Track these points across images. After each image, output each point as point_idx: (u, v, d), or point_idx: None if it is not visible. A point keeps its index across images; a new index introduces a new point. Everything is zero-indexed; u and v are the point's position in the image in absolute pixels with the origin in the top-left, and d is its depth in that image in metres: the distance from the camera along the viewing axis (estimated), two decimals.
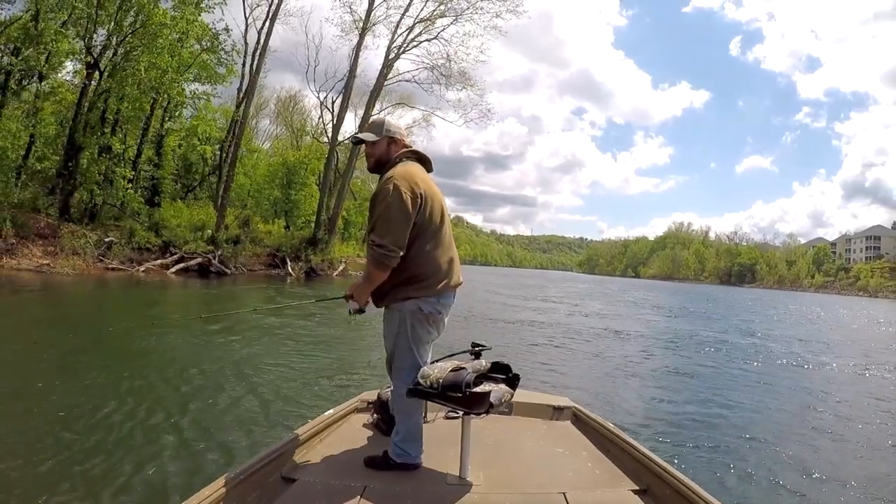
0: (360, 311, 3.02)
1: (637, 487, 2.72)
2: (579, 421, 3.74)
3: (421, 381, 2.65)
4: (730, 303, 44.13)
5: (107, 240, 21.99)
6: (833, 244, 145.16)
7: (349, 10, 34.78)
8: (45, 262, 19.23)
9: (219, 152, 34.56)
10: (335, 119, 36.65)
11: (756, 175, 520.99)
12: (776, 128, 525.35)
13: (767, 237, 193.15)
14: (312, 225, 37.12)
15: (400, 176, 2.80)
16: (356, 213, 51.67)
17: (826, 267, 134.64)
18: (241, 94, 32.84)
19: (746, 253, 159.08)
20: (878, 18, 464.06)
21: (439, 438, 3.15)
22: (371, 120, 3.18)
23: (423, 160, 3.04)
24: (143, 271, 22.01)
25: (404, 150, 3.00)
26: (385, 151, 2.99)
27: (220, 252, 26.06)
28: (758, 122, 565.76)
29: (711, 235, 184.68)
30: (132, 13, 23.22)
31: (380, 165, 2.99)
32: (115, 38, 22.97)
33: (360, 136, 3.01)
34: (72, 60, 24.25)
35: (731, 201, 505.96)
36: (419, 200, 2.79)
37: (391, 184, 2.76)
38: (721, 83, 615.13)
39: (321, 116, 43.50)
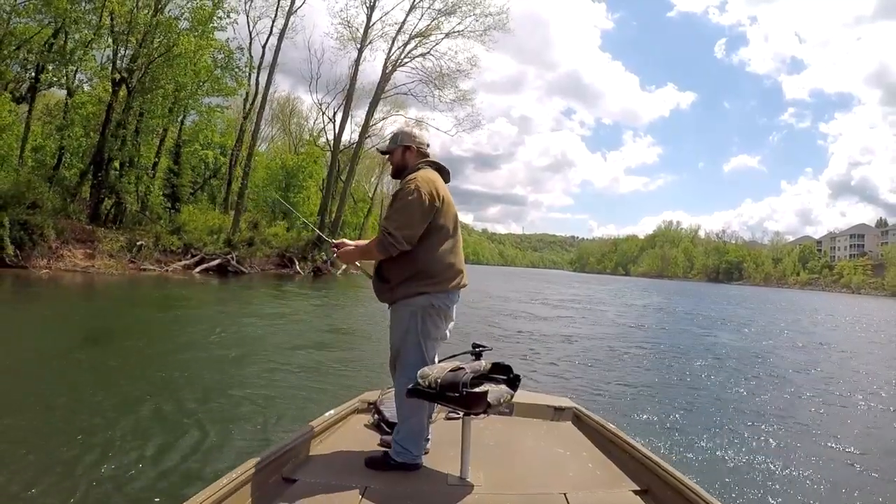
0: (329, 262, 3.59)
1: (637, 488, 2.74)
2: (580, 421, 3.76)
3: (420, 381, 2.67)
4: (729, 302, 43.21)
5: (138, 243, 24.16)
6: (819, 242, 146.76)
7: (346, 25, 37.17)
8: (88, 264, 21.44)
9: (221, 157, 36.78)
10: (336, 129, 38.98)
11: (744, 174, 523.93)
12: (762, 128, 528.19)
13: (756, 235, 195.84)
14: (310, 225, 39.26)
15: (422, 179, 2.97)
16: (351, 214, 53.30)
17: (811, 264, 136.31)
18: (249, 105, 34.94)
19: (734, 251, 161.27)
20: (860, 22, 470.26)
21: (440, 439, 3.18)
22: (393, 132, 3.43)
23: (442, 170, 3.17)
24: (170, 271, 24.30)
25: (423, 159, 3.16)
26: (401, 159, 3.17)
27: (236, 253, 28.45)
28: (744, 123, 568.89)
29: (701, 233, 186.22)
30: (158, 34, 25.24)
31: (399, 172, 3.18)
32: (141, 60, 25.00)
33: (379, 147, 3.56)
34: (98, 77, 26.28)
35: (720, 200, 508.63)
36: (437, 203, 2.95)
37: (414, 184, 2.93)
38: (707, 85, 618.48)
39: (318, 121, 45.64)
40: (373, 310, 13.56)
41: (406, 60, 37.63)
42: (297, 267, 32.01)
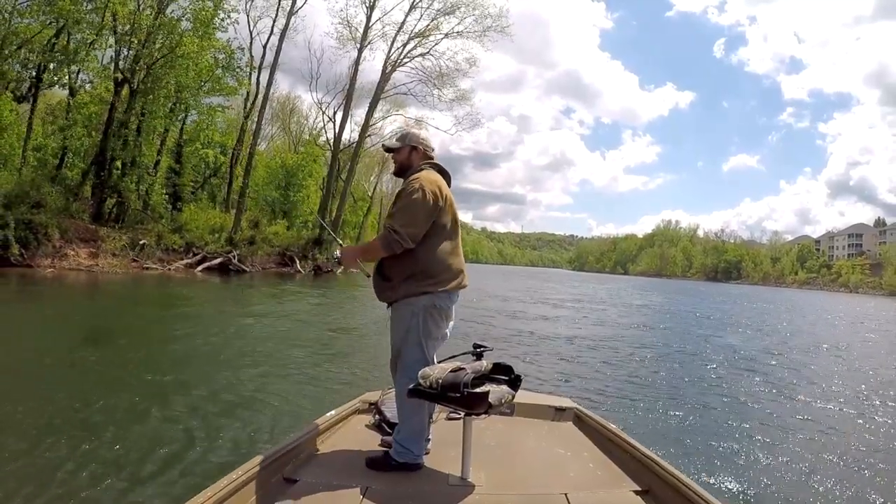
0: (337, 260, 3.31)
1: (639, 488, 2.75)
2: (581, 422, 3.76)
3: (421, 381, 2.67)
4: (729, 301, 43.16)
5: (141, 242, 24.42)
6: (817, 241, 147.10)
7: (346, 24, 37.36)
8: (91, 263, 21.71)
9: (221, 156, 36.98)
10: (337, 129, 39.31)
11: (743, 173, 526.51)
12: (761, 127, 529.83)
13: (755, 234, 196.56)
14: (310, 224, 39.52)
15: (426, 178, 3.02)
16: (350, 213, 53.51)
17: (810, 264, 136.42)
18: (250, 105, 35.16)
19: (733, 250, 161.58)
20: (859, 22, 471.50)
21: (441, 439, 3.20)
22: (399, 131, 3.57)
23: (444, 173, 3.21)
24: (173, 270, 24.62)
25: (427, 160, 3.21)
26: (406, 158, 3.22)
27: (237, 252, 28.71)
28: (743, 122, 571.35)
29: (700, 233, 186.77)
30: (160, 35, 25.45)
31: (402, 170, 3.24)
32: (144, 61, 25.23)
33: (386, 143, 3.39)
34: (100, 77, 26.43)
35: (719, 199, 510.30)
36: (441, 202, 3.00)
37: (418, 183, 2.98)
38: (706, 85, 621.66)
39: (318, 119, 45.86)
40: (373, 309, 13.41)
41: (406, 60, 37.85)
42: (298, 266, 32.27)
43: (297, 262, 32.58)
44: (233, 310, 15.16)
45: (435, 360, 3.07)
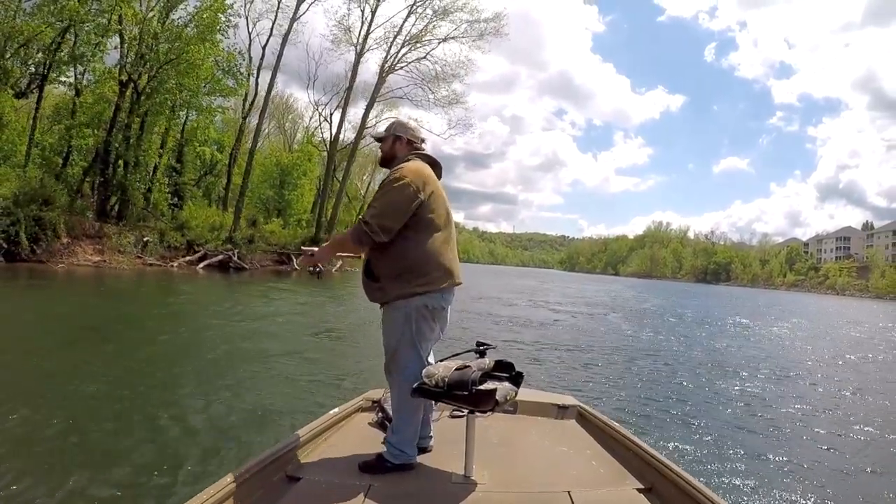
0: (318, 271, 3.16)
1: (641, 486, 2.75)
2: (584, 420, 3.75)
3: (426, 380, 2.65)
4: (723, 303, 43.60)
5: (145, 239, 25.15)
6: (806, 244, 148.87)
7: (346, 31, 38.29)
8: (99, 259, 22.34)
9: (218, 154, 37.79)
10: (333, 131, 40.08)
11: (733, 176, 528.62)
12: (752, 131, 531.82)
13: (745, 237, 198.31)
14: (304, 222, 40.03)
15: (409, 169, 2.89)
16: (344, 212, 54.03)
17: (798, 266, 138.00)
18: (249, 105, 35.79)
19: (722, 252, 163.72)
20: (848, 28, 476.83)
21: (444, 437, 3.19)
22: (388, 122, 3.47)
23: (434, 164, 3.11)
24: (175, 266, 25.31)
25: (414, 151, 3.09)
26: (390, 148, 3.11)
27: (237, 250, 29.44)
28: (733, 125, 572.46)
29: (691, 234, 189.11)
30: (167, 41, 26.08)
31: (387, 161, 3.14)
32: (150, 64, 25.86)
33: (372, 132, 3.89)
34: (105, 78, 26.85)
35: (710, 201, 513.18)
36: (422, 195, 2.85)
37: (399, 174, 2.86)
38: (697, 88, 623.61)
39: (313, 118, 46.32)
40: (371, 306, 13.88)
41: (402, 65, 38.59)
42: (295, 263, 32.82)
43: (294, 260, 33.13)
44: (237, 307, 15.46)
45: (432, 360, 3.05)
